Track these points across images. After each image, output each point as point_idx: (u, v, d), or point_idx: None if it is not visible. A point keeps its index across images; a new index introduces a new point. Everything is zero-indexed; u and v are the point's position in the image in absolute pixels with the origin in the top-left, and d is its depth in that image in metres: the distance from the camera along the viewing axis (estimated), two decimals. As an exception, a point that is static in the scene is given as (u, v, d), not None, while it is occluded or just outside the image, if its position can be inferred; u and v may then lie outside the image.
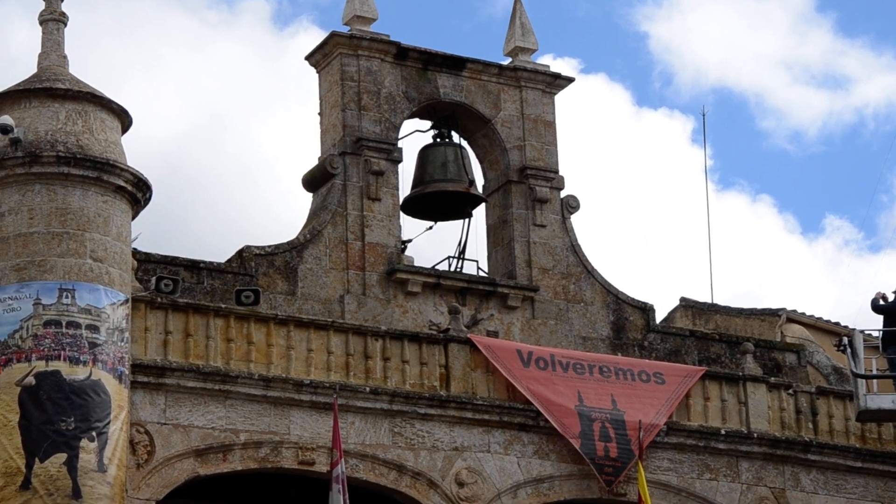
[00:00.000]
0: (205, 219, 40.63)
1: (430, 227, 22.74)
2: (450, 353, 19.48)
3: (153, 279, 18.84)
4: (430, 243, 28.13)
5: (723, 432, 20.19)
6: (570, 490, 19.44)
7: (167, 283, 18.81)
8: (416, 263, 21.71)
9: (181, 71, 43.11)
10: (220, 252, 21.69)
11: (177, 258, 19.96)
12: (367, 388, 18.70)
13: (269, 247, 20.61)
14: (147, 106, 40.19)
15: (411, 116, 22.20)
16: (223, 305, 18.77)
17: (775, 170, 49.31)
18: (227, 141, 42.71)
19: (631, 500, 19.28)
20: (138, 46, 42.38)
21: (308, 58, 22.24)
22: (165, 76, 42.63)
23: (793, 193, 49.91)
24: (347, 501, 17.23)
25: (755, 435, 20.36)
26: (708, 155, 45.50)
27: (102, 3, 42.33)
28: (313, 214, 21.36)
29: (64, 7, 18.38)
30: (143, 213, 18.69)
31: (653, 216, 44.10)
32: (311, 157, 22.09)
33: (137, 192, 17.83)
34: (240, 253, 20.53)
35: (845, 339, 20.12)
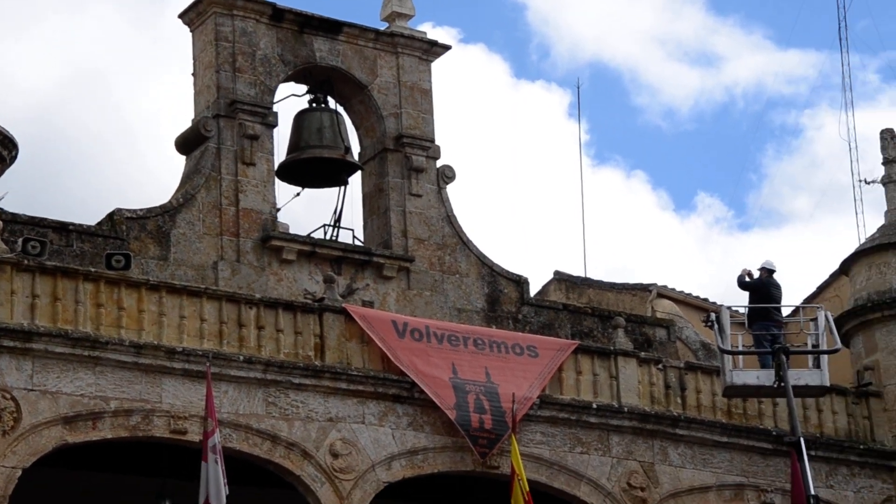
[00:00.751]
0: (78, 179, 40.49)
1: (298, 194, 22.86)
2: (325, 322, 19.61)
3: (20, 241, 18.74)
4: (306, 210, 28.48)
5: (594, 406, 20.67)
6: (444, 462, 19.72)
7: (34, 244, 18.75)
8: (291, 231, 21.87)
9: (56, 29, 43.00)
10: (93, 215, 21.67)
11: (45, 219, 19.85)
12: (241, 357, 18.78)
13: (141, 210, 20.65)
14: (18, 63, 39.93)
15: (287, 80, 22.24)
16: (93, 269, 18.69)
17: (649, 146, 50.35)
18: (104, 101, 42.70)
19: (504, 473, 19.59)
20: (9, 2, 42.15)
21: (181, 16, 22.25)
22: (39, 33, 42.41)
23: (666, 170, 51.35)
24: (224, 472, 17.40)
25: (626, 409, 20.84)
26: (583, 129, 46.47)
27: None
28: (186, 178, 21.35)
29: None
30: (10, 172, 18.72)
31: (528, 189, 44.80)
32: (186, 119, 22.13)
33: (2, 150, 17.91)
34: (110, 216, 20.49)
35: (713, 315, 20.46)
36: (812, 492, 18.63)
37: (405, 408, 19.74)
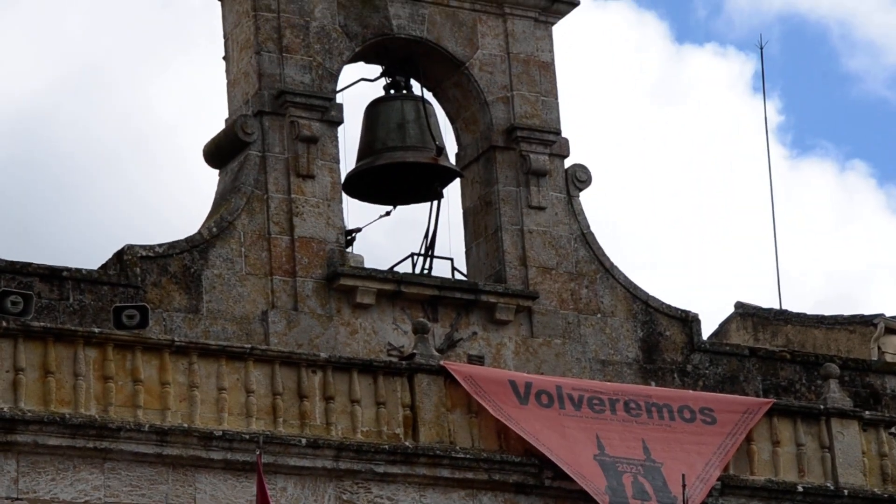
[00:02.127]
0: (73, 210, 41.01)
1: (388, 213, 23.14)
2: (417, 387, 19.77)
3: None
4: (387, 236, 28.28)
5: (800, 489, 20.68)
6: None
7: (15, 299, 18.88)
8: (367, 264, 21.96)
9: (38, 17, 43.78)
10: (91, 256, 22.11)
11: (30, 265, 20.08)
12: (304, 441, 18.93)
13: (161, 246, 20.88)
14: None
15: (354, 60, 22.58)
16: (97, 330, 18.84)
17: (870, 126, 50.23)
18: (104, 104, 43.83)
19: None
20: None
21: None
22: (16, 22, 43.42)
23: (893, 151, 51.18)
24: None
25: (845, 492, 20.86)
26: (774, 108, 46.37)
27: None
28: (221, 199, 21.64)
29: None
30: None
31: (696, 193, 45.25)
32: (216, 119, 22.91)
33: None
34: (119, 255, 20.70)
35: None
36: None
37: (532, 500, 19.94)
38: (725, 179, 44.52)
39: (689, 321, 22.79)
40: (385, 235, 26.48)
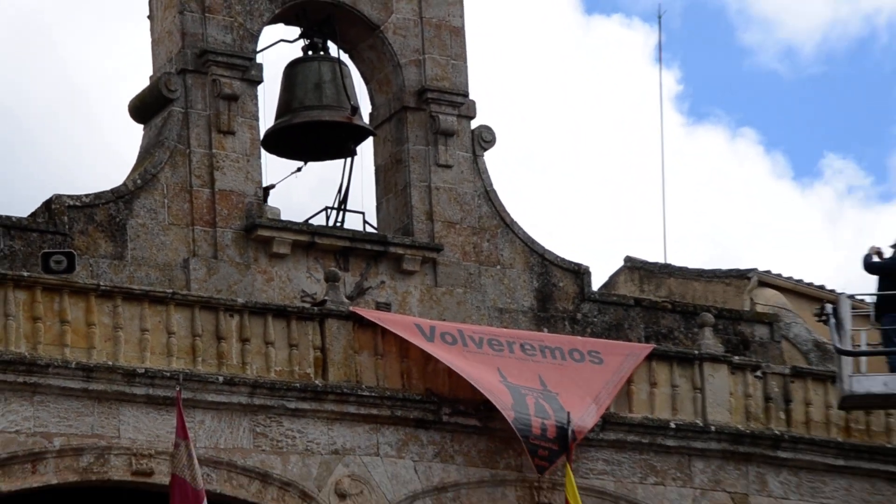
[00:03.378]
0: (5, 159, 40.91)
1: (299, 169, 23.35)
2: (327, 331, 20.08)
3: None
4: (303, 190, 28.62)
5: (673, 425, 21.08)
6: (481, 499, 20.29)
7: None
8: (283, 217, 22.19)
9: None
10: (26, 204, 21.74)
11: None
12: (221, 378, 19.26)
13: (88, 196, 20.94)
14: None
15: (274, 21, 22.53)
16: (26, 274, 19.02)
17: (762, 97, 50.26)
18: (33, 58, 43.26)
19: None
20: None
21: None
22: None
23: (784, 128, 51.19)
24: None
25: (713, 428, 21.25)
26: (674, 78, 46.58)
27: None
28: (145, 153, 21.64)
29: None
30: None
31: (594, 156, 45.44)
32: (141, 77, 22.45)
33: None
34: (47, 204, 20.75)
35: (829, 307, 20.76)
36: None
37: (431, 435, 20.32)
38: (623, 143, 44.66)
39: (580, 273, 23.10)
40: (304, 190, 26.63)
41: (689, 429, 21.23)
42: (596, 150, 44.95)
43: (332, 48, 23.04)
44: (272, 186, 22.79)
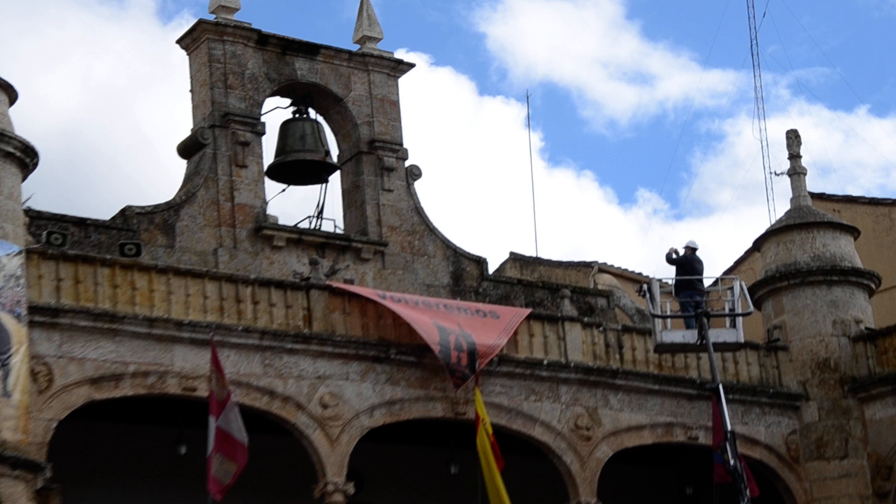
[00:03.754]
0: (97, 183, 41.71)
1: (283, 190, 23.31)
2: (311, 297, 20.00)
3: (43, 233, 19.19)
4: (293, 204, 28.72)
5: (545, 362, 21.23)
6: (418, 410, 20.31)
7: (56, 236, 19.26)
8: (280, 222, 22.34)
9: (81, 61, 44.31)
10: (106, 213, 21.63)
11: (66, 215, 20.30)
12: (240, 327, 19.21)
13: (149, 206, 21.10)
14: (49, 90, 41.18)
15: (272, 95, 22.72)
16: (108, 256, 19.07)
17: (595, 150, 52.04)
18: (116, 118, 44.17)
19: (469, 419, 20.16)
20: (37, 35, 43.52)
21: (179, 41, 22.68)
22: (62, 62, 43.88)
23: (610, 170, 52.93)
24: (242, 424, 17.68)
25: (572, 364, 21.45)
26: (538, 137, 48.27)
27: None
28: (188, 179, 21.86)
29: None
30: (38, 176, 18.92)
31: (488, 185, 46.22)
32: (185, 129, 22.54)
33: (26, 158, 18.07)
34: (122, 212, 20.92)
35: (645, 286, 20.60)
36: (729, 428, 19.02)
37: (383, 367, 20.30)
38: (506, 179, 46.10)
39: (480, 262, 23.39)
40: (291, 204, 26.74)
41: (556, 365, 21.45)
42: (488, 183, 46.07)
43: (312, 112, 23.28)
44: (266, 203, 22.48)
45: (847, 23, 51.02)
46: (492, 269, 24.11)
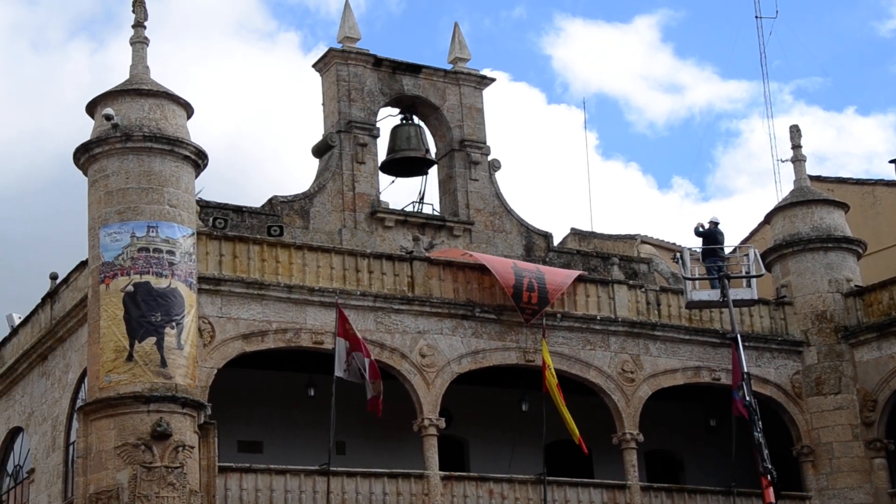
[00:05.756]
0: (251, 179, 42.11)
1: (393, 182, 22.74)
2: (414, 267, 19.42)
3: (210, 219, 18.89)
4: (401, 192, 28.20)
5: (598, 318, 20.43)
6: (496, 358, 19.59)
7: (220, 221, 18.96)
8: (390, 206, 21.74)
9: (238, 81, 44.77)
10: (258, 201, 21.40)
11: (227, 204, 20.02)
12: (358, 292, 18.71)
13: (290, 196, 20.67)
14: (216, 104, 41.54)
15: (385, 105, 22.25)
16: (259, 236, 18.77)
17: (639, 146, 51.30)
18: (265, 128, 44.68)
19: (537, 365, 19.45)
20: (209, 63, 44.16)
21: (314, 66, 22.28)
22: (228, 83, 44.46)
23: (651, 161, 52.25)
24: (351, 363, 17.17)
25: (619, 319, 20.62)
26: (594, 136, 47.89)
27: (188, 36, 44.35)
28: (319, 173, 21.41)
29: (159, 39, 18.35)
30: (205, 174, 18.82)
31: (555, 175, 45.61)
32: (318, 134, 22.08)
33: (198, 160, 17.82)
34: (270, 201, 20.53)
35: (678, 254, 20.32)
36: (745, 370, 18.55)
37: (469, 323, 19.61)
38: (569, 170, 45.18)
39: (547, 237, 22.55)
40: (400, 192, 26.43)
41: (607, 319, 20.56)
42: (554, 173, 45.41)
43: (416, 119, 22.67)
44: (379, 193, 21.77)
45: (837, 41, 50.06)
46: (556, 241, 23.24)
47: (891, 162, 27.13)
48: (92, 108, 17.83)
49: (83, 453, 16.37)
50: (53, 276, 20.18)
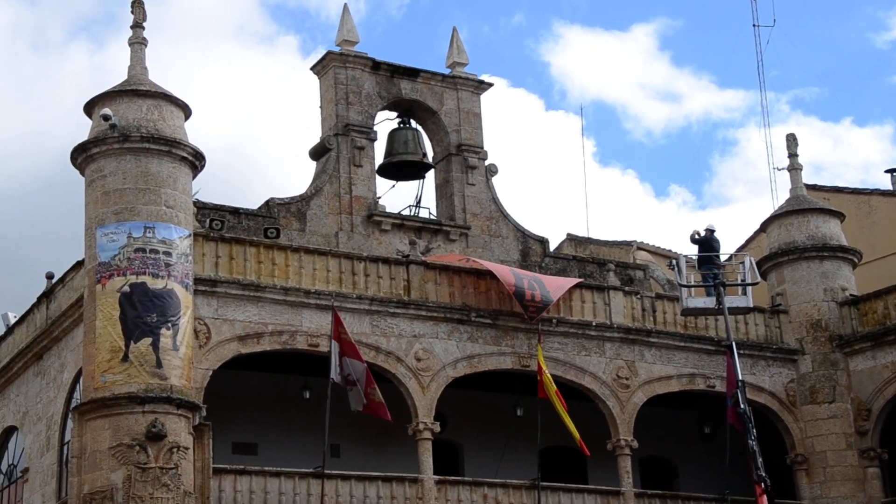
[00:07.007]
0: (247, 181, 42.12)
1: (393, 186, 22.74)
2: (410, 271, 19.45)
3: (207, 221, 18.86)
4: (398, 196, 28.28)
5: (594, 324, 20.51)
6: (492, 363, 19.62)
7: (216, 222, 18.93)
8: (387, 210, 21.76)
9: (237, 83, 44.63)
10: (254, 203, 21.55)
11: (224, 206, 19.98)
12: (354, 295, 18.69)
13: (286, 198, 20.66)
14: (214, 106, 41.51)
15: (382, 109, 22.19)
16: (255, 238, 18.74)
17: (636, 154, 51.38)
18: (263, 130, 44.59)
19: (532, 370, 19.39)
20: (209, 66, 44.01)
21: (312, 68, 22.24)
22: (227, 86, 44.35)
23: (648, 169, 52.28)
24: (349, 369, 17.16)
25: (615, 325, 20.69)
26: (591, 144, 47.73)
27: (188, 39, 44.34)
28: (316, 176, 21.38)
29: (159, 42, 18.45)
30: (204, 177, 18.80)
31: (551, 180, 45.77)
32: (315, 137, 22.15)
33: (195, 161, 17.80)
34: (267, 203, 20.51)
35: (674, 262, 20.30)
36: (740, 377, 18.61)
37: (465, 327, 19.64)
38: (567, 174, 45.30)
39: (543, 242, 22.56)
40: (397, 196, 26.40)
41: (602, 325, 20.63)
42: (551, 179, 45.58)
43: (413, 123, 22.64)
44: (379, 197, 21.89)
45: (835, 51, 50.16)
46: (552, 247, 23.39)
47: (887, 172, 27.33)
48: (90, 108, 17.84)
49: (77, 453, 16.37)
50: (49, 276, 20.19)
